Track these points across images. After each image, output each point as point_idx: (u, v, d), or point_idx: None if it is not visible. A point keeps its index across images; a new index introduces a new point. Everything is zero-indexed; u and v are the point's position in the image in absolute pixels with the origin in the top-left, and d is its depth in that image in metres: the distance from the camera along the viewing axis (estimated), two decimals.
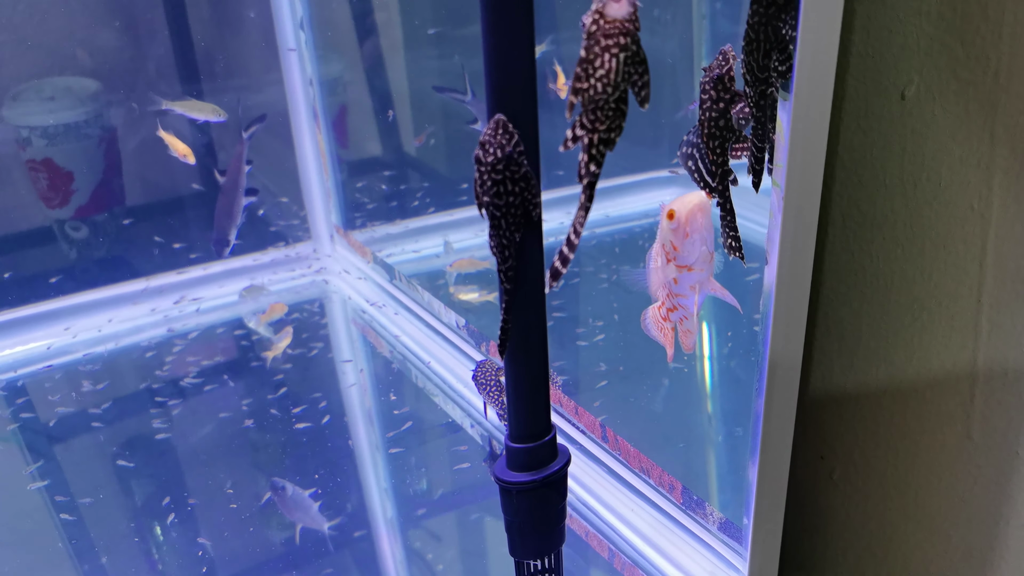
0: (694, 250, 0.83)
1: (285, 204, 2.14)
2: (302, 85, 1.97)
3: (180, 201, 2.28)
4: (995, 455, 1.03)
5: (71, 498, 1.45)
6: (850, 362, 1.16)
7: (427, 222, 1.93)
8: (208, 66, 2.30)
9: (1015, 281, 0.96)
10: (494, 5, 0.73)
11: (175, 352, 1.82)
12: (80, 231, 2.34)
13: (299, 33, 1.90)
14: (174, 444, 1.55)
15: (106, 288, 2.04)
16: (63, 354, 1.85)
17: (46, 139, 2.25)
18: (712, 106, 0.84)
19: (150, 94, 1.91)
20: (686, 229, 0.82)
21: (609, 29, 0.66)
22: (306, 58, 1.91)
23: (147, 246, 2.14)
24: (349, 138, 2.41)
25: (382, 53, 2.25)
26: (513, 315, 0.82)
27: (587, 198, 0.73)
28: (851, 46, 1.04)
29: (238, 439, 1.55)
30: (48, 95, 2.28)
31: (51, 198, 2.29)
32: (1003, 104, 0.92)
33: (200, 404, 1.64)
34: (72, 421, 1.64)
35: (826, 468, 1.24)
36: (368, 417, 1.58)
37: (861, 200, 1.09)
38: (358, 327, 1.83)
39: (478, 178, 0.77)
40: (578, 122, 0.70)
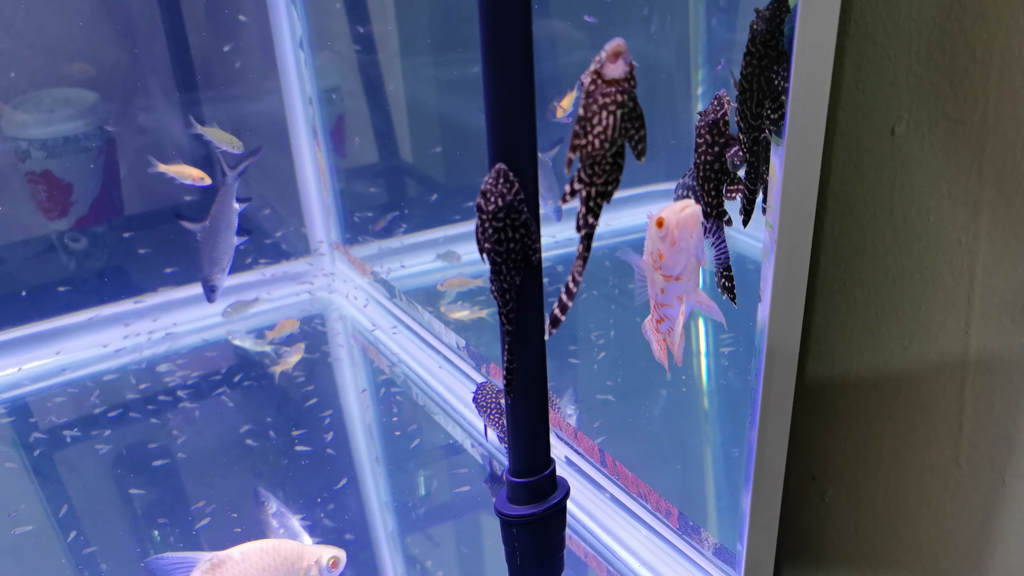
0: (681, 260, 0.82)
1: (284, 219, 2.15)
2: (302, 104, 1.99)
3: (180, 213, 2.29)
4: (982, 481, 1.05)
5: (72, 525, 1.47)
6: (842, 388, 1.18)
7: (427, 237, 1.94)
8: (206, 76, 2.31)
9: (1002, 315, 0.98)
10: (495, 58, 0.75)
11: (171, 369, 1.83)
12: (79, 242, 2.36)
13: (299, 52, 1.92)
14: (172, 466, 1.57)
15: (104, 307, 2.05)
16: (61, 373, 1.86)
17: (45, 151, 2.26)
18: (707, 150, 0.86)
19: (190, 117, 1.90)
20: (674, 237, 0.81)
21: (607, 89, 0.68)
22: (305, 77, 1.93)
23: (147, 260, 2.15)
24: (347, 148, 2.42)
25: (380, 66, 2.26)
26: (518, 355, 0.84)
27: (585, 248, 0.76)
28: (842, 81, 1.07)
29: (237, 456, 1.57)
30: (47, 107, 2.29)
31: (50, 210, 2.30)
32: (990, 144, 0.94)
33: (197, 423, 1.66)
34: (72, 443, 1.65)
35: (817, 489, 1.27)
36: (369, 436, 1.60)
37: (852, 230, 1.11)
38: (359, 344, 1.85)
39: (479, 225, 0.79)
40: (576, 176, 0.72)
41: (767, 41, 0.78)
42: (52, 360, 1.91)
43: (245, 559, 1.02)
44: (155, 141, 2.36)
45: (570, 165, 0.71)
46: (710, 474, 1.37)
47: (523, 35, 0.73)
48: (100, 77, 2.32)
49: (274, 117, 2.25)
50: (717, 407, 1.46)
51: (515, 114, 0.77)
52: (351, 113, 2.36)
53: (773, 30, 0.78)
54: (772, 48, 0.79)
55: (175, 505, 1.50)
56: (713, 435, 1.42)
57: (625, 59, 0.68)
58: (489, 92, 0.77)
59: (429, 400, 1.62)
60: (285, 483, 1.52)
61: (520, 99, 0.76)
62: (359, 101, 2.33)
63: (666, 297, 0.87)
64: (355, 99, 2.33)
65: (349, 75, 2.28)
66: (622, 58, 0.67)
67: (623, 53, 0.67)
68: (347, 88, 2.31)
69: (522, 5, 0.70)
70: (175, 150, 2.38)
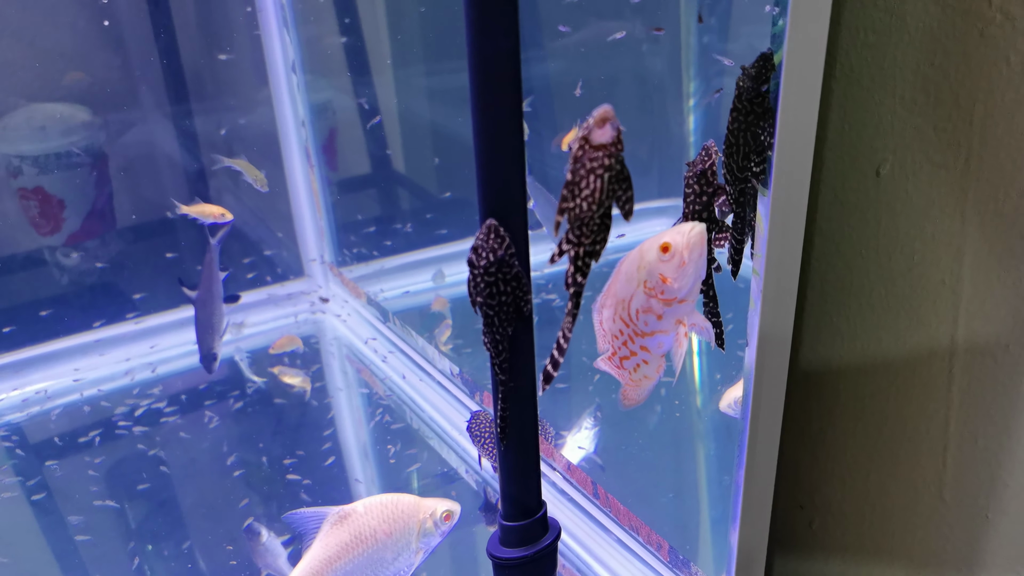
0: (689, 280, 0.81)
1: (278, 241, 2.15)
2: (295, 126, 1.99)
3: (173, 227, 2.29)
4: (966, 516, 1.07)
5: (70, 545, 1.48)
6: (829, 421, 1.20)
7: (421, 256, 1.95)
8: (198, 89, 2.31)
9: (984, 355, 1.00)
10: (484, 113, 0.76)
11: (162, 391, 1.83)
12: (71, 258, 2.36)
13: (291, 76, 1.92)
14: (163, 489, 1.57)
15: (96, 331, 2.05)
16: (56, 397, 1.86)
17: (37, 168, 2.26)
18: (696, 199, 0.87)
19: (213, 155, 1.89)
20: (683, 258, 0.79)
21: (594, 153, 0.69)
22: (298, 100, 1.94)
23: (139, 280, 2.15)
24: (339, 163, 2.43)
25: (372, 81, 2.27)
26: (511, 403, 0.85)
27: (574, 305, 0.77)
28: (828, 121, 1.08)
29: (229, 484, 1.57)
30: (39, 124, 2.29)
31: (42, 225, 2.30)
32: (973, 189, 0.96)
33: (187, 448, 1.66)
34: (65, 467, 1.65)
35: (805, 518, 1.28)
36: (364, 459, 1.61)
37: (839, 267, 1.13)
38: (352, 365, 1.86)
39: (471, 279, 0.80)
40: (565, 237, 0.74)
41: (753, 98, 0.80)
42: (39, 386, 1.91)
43: (368, 512, 1.10)
44: (147, 154, 2.37)
45: (558, 227, 0.72)
46: (702, 504, 1.39)
47: (513, 97, 0.74)
48: (92, 91, 2.32)
49: (265, 129, 2.25)
50: (710, 434, 1.48)
51: (505, 171, 0.78)
52: (344, 127, 2.37)
53: (758, 87, 0.80)
54: (758, 105, 0.80)
55: (167, 528, 1.51)
56: (705, 463, 1.43)
57: (612, 124, 0.69)
58: (479, 151, 0.78)
59: (424, 425, 1.63)
60: (276, 509, 1.53)
61: (510, 157, 0.78)
62: (351, 116, 2.34)
63: (663, 323, 0.85)
64: (347, 114, 2.34)
65: (341, 90, 2.29)
66: (609, 123, 0.69)
67: (610, 119, 0.69)
68: (339, 103, 2.31)
69: (511, 69, 0.71)
70: (167, 164, 2.39)
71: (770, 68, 0.79)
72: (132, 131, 2.33)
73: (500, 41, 0.68)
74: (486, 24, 0.69)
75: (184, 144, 2.33)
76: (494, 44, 0.68)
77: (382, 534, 1.11)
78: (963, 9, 0.91)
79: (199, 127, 2.30)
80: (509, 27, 0.68)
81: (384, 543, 1.11)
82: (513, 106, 0.75)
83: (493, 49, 0.69)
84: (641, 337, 0.88)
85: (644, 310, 0.84)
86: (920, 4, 0.95)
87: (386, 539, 1.11)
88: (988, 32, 0.90)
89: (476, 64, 0.73)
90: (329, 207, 2.10)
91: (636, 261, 0.83)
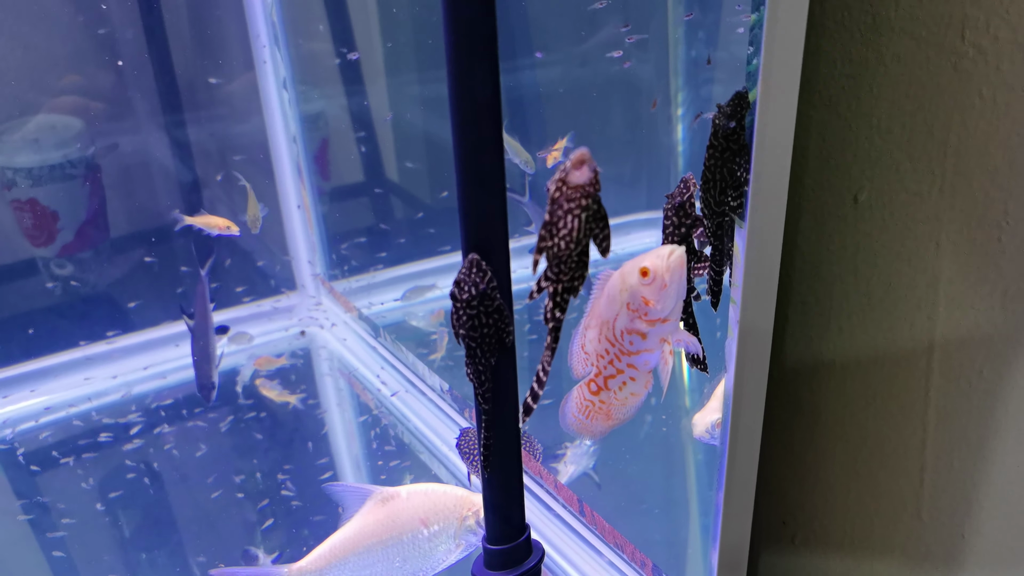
0: (671, 301, 0.83)
1: (270, 255, 2.16)
2: (286, 142, 2.01)
3: (167, 238, 2.30)
4: (943, 535, 1.09)
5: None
6: (811, 440, 1.22)
7: (412, 269, 1.96)
8: (191, 98, 2.33)
9: (959, 379, 1.02)
10: (466, 149, 0.78)
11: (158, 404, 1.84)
12: (65, 269, 2.38)
13: (282, 92, 1.94)
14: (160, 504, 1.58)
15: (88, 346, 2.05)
16: (51, 412, 1.87)
17: (31, 180, 2.28)
18: (674, 231, 0.89)
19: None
20: (664, 280, 0.82)
21: (571, 194, 0.71)
22: (289, 116, 1.95)
23: (133, 291, 2.16)
24: (331, 172, 2.44)
25: (365, 91, 2.28)
26: (494, 431, 0.87)
27: (553, 339, 0.79)
28: (808, 149, 1.10)
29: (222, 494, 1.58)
30: (32, 136, 2.30)
31: (36, 237, 2.31)
32: (947, 218, 0.98)
33: (179, 464, 1.67)
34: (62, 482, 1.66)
35: (788, 533, 1.31)
36: (356, 474, 1.62)
37: (819, 290, 1.15)
38: (344, 377, 1.88)
39: (454, 312, 0.82)
40: (544, 274, 0.76)
41: (729, 135, 0.82)
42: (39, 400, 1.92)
43: (410, 499, 1.12)
44: (140, 164, 2.38)
45: (536, 266, 0.74)
46: (686, 521, 1.41)
47: (494, 136, 0.76)
48: (85, 103, 2.34)
49: (258, 139, 2.27)
50: (695, 451, 1.50)
51: (487, 207, 0.80)
52: (336, 136, 2.38)
53: (733, 124, 0.81)
54: (734, 141, 0.82)
55: (158, 543, 1.52)
56: (690, 480, 1.45)
57: (590, 166, 0.71)
58: (461, 187, 0.80)
59: (415, 439, 1.65)
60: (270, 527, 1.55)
61: (491, 193, 0.79)
62: (344, 126, 2.35)
63: (648, 342, 0.88)
64: (339, 123, 2.35)
65: (333, 100, 2.30)
66: (587, 165, 0.70)
67: (587, 161, 0.70)
68: (331, 113, 2.32)
69: (492, 115, 0.73)
70: (161, 173, 2.40)
71: (744, 106, 0.81)
72: (125, 142, 2.34)
73: (479, 92, 0.70)
74: (467, 74, 0.71)
75: (178, 154, 2.35)
76: (474, 95, 0.70)
77: (419, 522, 1.11)
78: (937, 43, 0.94)
79: (192, 137, 2.31)
80: (489, 78, 0.70)
81: (420, 531, 1.12)
82: (494, 145, 0.77)
83: (473, 100, 0.71)
84: (627, 356, 0.90)
85: (629, 330, 0.87)
86: (895, 37, 0.97)
87: (423, 528, 1.11)
88: (961, 66, 0.92)
89: (458, 108, 0.75)
90: (321, 221, 2.12)
91: (618, 284, 0.86)
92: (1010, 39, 0.88)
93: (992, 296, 0.96)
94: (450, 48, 0.73)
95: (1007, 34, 0.88)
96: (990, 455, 1.02)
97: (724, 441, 1.10)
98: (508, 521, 0.91)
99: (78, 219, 2.32)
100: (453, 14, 0.70)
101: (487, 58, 0.72)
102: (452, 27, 0.72)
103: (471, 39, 0.71)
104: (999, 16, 0.88)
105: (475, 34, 0.71)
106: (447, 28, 0.72)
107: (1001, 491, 1.02)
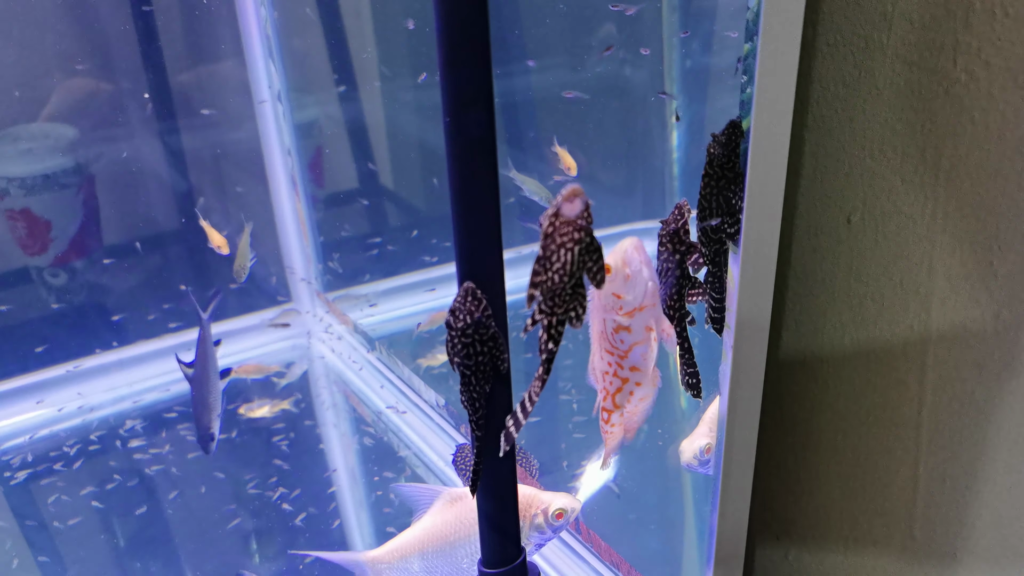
0: (639, 287, 0.86)
1: (266, 267, 2.16)
2: (281, 156, 2.01)
3: (162, 250, 2.30)
4: (935, 554, 1.10)
5: None
6: (804, 456, 1.23)
7: (408, 280, 1.96)
8: (184, 105, 2.33)
9: (951, 400, 1.03)
10: (461, 178, 0.78)
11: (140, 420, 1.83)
12: (59, 278, 2.38)
13: (277, 105, 1.94)
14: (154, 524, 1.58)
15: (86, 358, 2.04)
16: (43, 426, 1.87)
17: (24, 189, 2.27)
18: (669, 257, 0.90)
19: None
20: (626, 272, 0.85)
21: (564, 228, 0.72)
22: (284, 131, 1.95)
23: (126, 301, 2.16)
24: (325, 180, 2.44)
25: (360, 99, 2.28)
26: (485, 458, 0.88)
27: (545, 371, 0.79)
28: (801, 168, 1.11)
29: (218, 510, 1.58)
30: (25, 145, 2.30)
31: (30, 246, 2.31)
32: (939, 241, 0.99)
33: (175, 479, 1.66)
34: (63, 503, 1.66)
35: (782, 549, 1.31)
36: (350, 493, 1.62)
37: (812, 310, 1.15)
38: (340, 390, 1.88)
39: (449, 340, 0.83)
40: (538, 307, 0.76)
41: (724, 164, 0.82)
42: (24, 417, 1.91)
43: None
44: (133, 172, 2.38)
45: (531, 301, 0.75)
46: (682, 539, 1.41)
47: (489, 167, 0.76)
48: (77, 109, 2.33)
49: (251, 145, 2.27)
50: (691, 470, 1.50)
51: (482, 236, 0.80)
52: (330, 144, 2.38)
53: (729, 153, 0.82)
54: (729, 170, 0.83)
55: (151, 558, 1.52)
56: (686, 498, 1.46)
57: (581, 200, 0.71)
58: (457, 216, 0.80)
59: (411, 453, 1.65)
60: (266, 539, 1.55)
61: (487, 222, 0.80)
62: (340, 135, 2.35)
63: (634, 335, 0.90)
64: (335, 132, 2.35)
65: (328, 108, 2.30)
66: (579, 199, 0.71)
67: (579, 195, 0.71)
68: (326, 121, 2.33)
69: (487, 150, 0.74)
70: (155, 180, 2.40)
71: (739, 135, 0.82)
72: (118, 150, 2.34)
73: (474, 131, 0.70)
74: (461, 116, 0.71)
75: (171, 163, 2.35)
76: (469, 133, 0.71)
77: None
78: (929, 68, 0.94)
79: (186, 146, 2.31)
80: (483, 118, 0.70)
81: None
82: (489, 176, 0.77)
83: (468, 137, 0.71)
84: (624, 358, 0.93)
85: (616, 329, 0.90)
86: (888, 61, 0.97)
87: None
88: (953, 91, 0.93)
89: (453, 139, 0.75)
90: (315, 233, 2.12)
91: (594, 294, 0.89)
92: (1002, 66, 0.88)
93: (984, 319, 0.97)
94: (445, 89, 0.73)
95: (999, 61, 0.88)
96: (982, 475, 1.03)
97: (718, 460, 1.11)
98: (503, 546, 0.92)
99: (71, 229, 2.32)
100: (449, 58, 0.71)
101: (482, 99, 0.72)
102: (448, 73, 0.72)
103: (466, 88, 0.71)
104: (991, 43, 0.88)
105: (471, 83, 0.71)
106: (443, 73, 0.73)
107: (993, 511, 1.03)
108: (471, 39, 0.69)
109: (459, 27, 0.69)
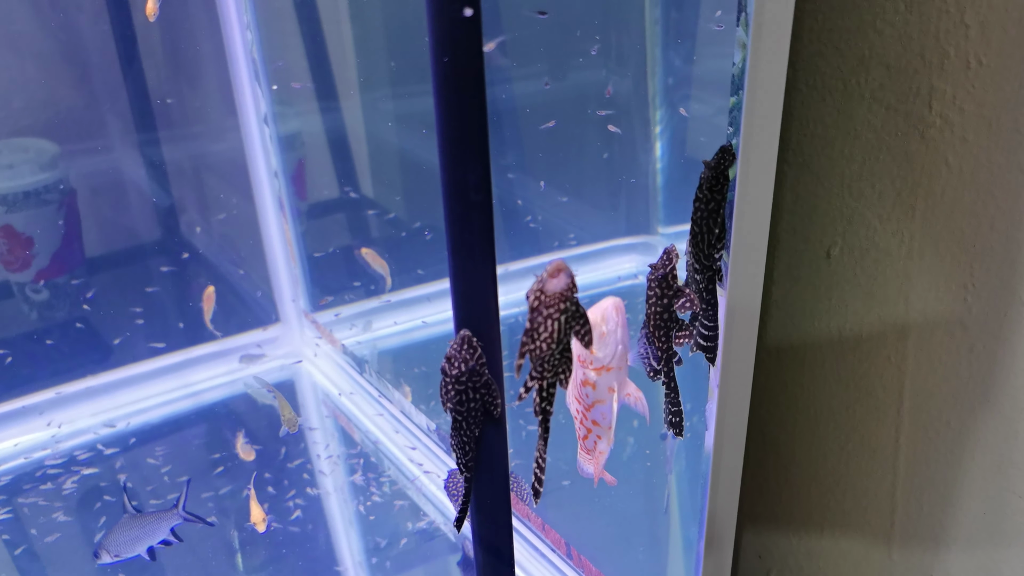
0: (610, 349, 0.88)
1: (252, 287, 2.16)
2: (268, 178, 2.02)
3: (145, 267, 2.30)
4: (912, 574, 1.14)
5: None
6: (786, 479, 1.26)
7: (396, 298, 1.96)
8: (165, 117, 2.32)
9: (927, 428, 1.06)
10: (456, 226, 0.80)
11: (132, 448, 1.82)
12: (41, 294, 2.37)
13: (263, 127, 1.94)
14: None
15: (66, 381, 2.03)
16: (40, 449, 1.86)
17: (5, 206, 2.27)
18: (657, 302, 0.92)
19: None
20: (602, 329, 0.87)
21: (549, 301, 0.74)
22: (271, 151, 1.96)
23: (111, 319, 2.16)
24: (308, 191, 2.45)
25: (341, 109, 2.29)
26: (477, 497, 0.90)
27: (544, 430, 0.82)
28: (783, 203, 1.14)
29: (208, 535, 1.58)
30: (6, 161, 2.29)
31: (11, 263, 2.31)
32: (916, 277, 1.02)
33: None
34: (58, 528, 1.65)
35: (763, 567, 1.35)
36: (340, 515, 1.64)
37: (793, 338, 1.19)
38: (329, 408, 1.89)
39: (443, 386, 0.85)
40: (529, 375, 0.79)
41: (714, 187, 0.84)
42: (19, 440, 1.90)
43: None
44: (115, 186, 2.37)
45: (520, 370, 0.77)
46: (670, 562, 1.44)
47: (484, 218, 0.78)
48: (57, 124, 2.33)
49: (233, 156, 2.26)
50: (680, 490, 1.53)
51: (478, 286, 0.83)
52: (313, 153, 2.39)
53: (719, 176, 0.84)
54: (719, 193, 0.85)
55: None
56: (673, 520, 1.48)
57: (566, 274, 0.73)
58: (453, 263, 0.82)
59: (402, 476, 1.67)
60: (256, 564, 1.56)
61: (483, 270, 0.82)
62: (322, 146, 2.36)
63: (598, 392, 0.92)
64: (317, 143, 2.36)
65: (310, 119, 2.31)
66: (563, 273, 0.73)
67: (563, 269, 0.73)
68: (308, 133, 2.33)
69: (482, 197, 0.76)
70: (136, 194, 2.39)
71: (730, 158, 0.84)
72: (100, 164, 2.34)
73: (473, 196, 0.72)
74: (458, 166, 0.73)
75: (153, 176, 2.34)
76: (465, 190, 0.73)
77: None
78: (905, 112, 0.97)
79: (168, 159, 2.31)
80: (478, 167, 0.72)
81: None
82: (484, 227, 0.80)
83: (464, 188, 0.74)
84: (588, 411, 0.95)
85: (583, 383, 0.92)
86: (865, 104, 1.01)
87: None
88: (928, 135, 0.96)
89: (450, 193, 0.77)
90: (303, 255, 2.13)
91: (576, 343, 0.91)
92: (975, 112, 0.92)
93: (959, 352, 1.00)
94: (441, 133, 0.75)
95: (972, 107, 0.92)
96: (957, 500, 1.06)
97: (705, 483, 1.14)
98: (497, 573, 0.94)
99: (53, 245, 2.31)
100: (445, 103, 0.73)
101: (476, 144, 0.74)
102: (444, 119, 0.74)
103: (462, 131, 0.74)
104: (965, 90, 0.92)
105: (466, 126, 0.73)
106: (440, 120, 0.75)
107: (968, 533, 1.07)
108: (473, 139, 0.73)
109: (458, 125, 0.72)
